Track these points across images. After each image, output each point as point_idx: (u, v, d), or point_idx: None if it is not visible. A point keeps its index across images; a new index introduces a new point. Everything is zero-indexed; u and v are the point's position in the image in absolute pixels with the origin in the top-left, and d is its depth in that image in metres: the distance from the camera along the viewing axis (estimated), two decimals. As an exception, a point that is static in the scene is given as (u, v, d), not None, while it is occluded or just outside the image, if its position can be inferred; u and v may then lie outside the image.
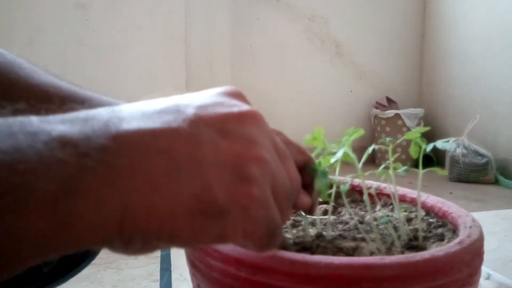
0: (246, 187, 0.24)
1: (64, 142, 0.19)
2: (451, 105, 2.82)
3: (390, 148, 0.39)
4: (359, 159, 0.37)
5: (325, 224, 0.41)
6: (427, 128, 0.42)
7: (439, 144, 0.38)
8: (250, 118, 0.26)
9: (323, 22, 2.89)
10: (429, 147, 0.38)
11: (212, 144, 0.23)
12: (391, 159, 0.38)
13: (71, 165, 0.19)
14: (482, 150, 2.32)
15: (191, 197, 0.22)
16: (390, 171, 0.39)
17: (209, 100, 0.26)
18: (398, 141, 0.38)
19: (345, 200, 0.41)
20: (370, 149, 0.37)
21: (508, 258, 1.09)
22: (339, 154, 0.36)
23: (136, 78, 2.33)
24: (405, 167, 0.37)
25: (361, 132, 0.38)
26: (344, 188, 0.39)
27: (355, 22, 2.95)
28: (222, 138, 0.24)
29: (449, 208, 0.41)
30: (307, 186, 0.35)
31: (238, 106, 0.26)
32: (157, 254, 1.15)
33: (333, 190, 0.40)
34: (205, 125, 0.24)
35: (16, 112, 0.21)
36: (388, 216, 0.42)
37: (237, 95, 0.28)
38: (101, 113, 0.22)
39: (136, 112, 0.23)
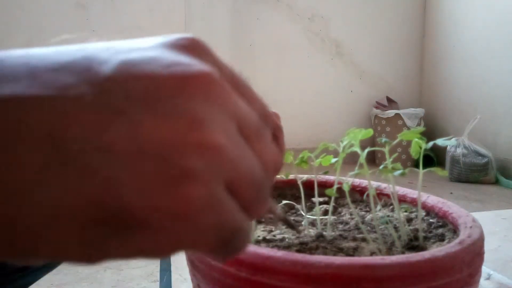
0: (180, 188, 0.17)
1: None
2: (451, 105, 2.82)
3: (386, 150, 0.39)
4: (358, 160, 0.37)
5: (325, 224, 0.41)
6: (423, 129, 0.42)
7: (440, 141, 0.38)
8: (197, 85, 0.18)
9: (323, 22, 2.89)
10: (429, 145, 0.38)
11: (128, 125, 0.16)
12: (389, 160, 0.38)
13: None
14: (482, 150, 2.32)
15: (84, 202, 0.16)
16: (389, 172, 0.39)
17: (143, 54, 0.18)
18: (395, 142, 0.38)
19: (349, 200, 0.41)
20: (364, 153, 0.37)
21: (508, 258, 1.09)
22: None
23: (136, 78, 2.33)
24: (401, 171, 0.37)
25: (370, 132, 0.38)
26: (346, 186, 0.39)
27: (355, 22, 2.95)
28: (148, 115, 0.17)
29: (449, 208, 0.41)
30: None
31: (183, 66, 0.18)
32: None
33: (334, 189, 0.40)
34: (123, 95, 0.17)
35: None
36: (388, 216, 0.42)
37: (191, 48, 0.20)
38: None
39: (21, 68, 0.16)
